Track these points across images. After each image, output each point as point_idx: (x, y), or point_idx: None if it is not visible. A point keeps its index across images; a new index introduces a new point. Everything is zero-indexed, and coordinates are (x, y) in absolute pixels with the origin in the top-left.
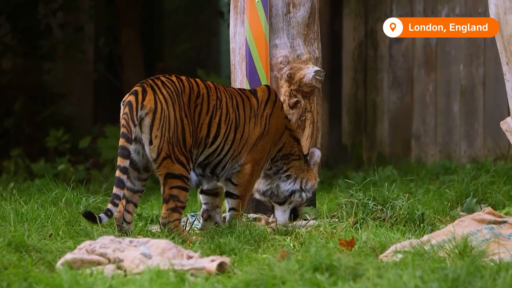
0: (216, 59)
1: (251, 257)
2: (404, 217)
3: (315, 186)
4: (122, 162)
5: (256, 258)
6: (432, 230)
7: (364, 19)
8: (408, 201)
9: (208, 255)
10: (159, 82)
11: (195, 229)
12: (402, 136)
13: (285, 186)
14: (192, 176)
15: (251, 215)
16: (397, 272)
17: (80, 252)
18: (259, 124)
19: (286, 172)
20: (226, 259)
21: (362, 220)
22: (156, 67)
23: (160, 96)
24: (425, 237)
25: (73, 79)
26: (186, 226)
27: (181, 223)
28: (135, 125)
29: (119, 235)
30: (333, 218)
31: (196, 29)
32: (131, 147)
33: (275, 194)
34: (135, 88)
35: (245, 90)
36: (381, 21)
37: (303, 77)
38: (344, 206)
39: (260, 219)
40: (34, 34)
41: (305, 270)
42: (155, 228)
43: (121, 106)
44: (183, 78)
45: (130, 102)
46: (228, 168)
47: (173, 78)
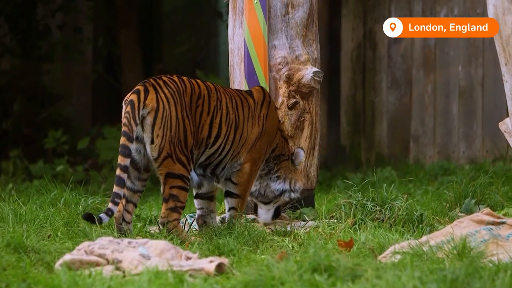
0: (215, 60)
1: (250, 258)
2: (403, 218)
3: (302, 187)
4: (123, 161)
5: (255, 259)
6: (431, 231)
7: (363, 20)
8: (407, 202)
9: (207, 256)
10: (161, 82)
11: (194, 230)
12: (401, 137)
13: (275, 186)
14: (194, 177)
15: (250, 216)
16: (396, 273)
17: (79, 253)
18: (257, 124)
19: (277, 173)
20: (225, 260)
21: (361, 221)
22: (155, 68)
23: (162, 96)
24: (424, 238)
25: (72, 80)
26: (185, 227)
27: (180, 224)
28: (137, 124)
29: (118, 236)
30: (332, 219)
31: (195, 30)
32: (132, 146)
33: (262, 194)
34: (137, 87)
35: (242, 91)
36: (380, 22)
37: (302, 78)
38: (343, 207)
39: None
40: (33, 35)
41: (304, 271)
42: (154, 229)
43: (123, 105)
44: (185, 79)
45: (132, 101)
46: (228, 168)
47: (175, 78)
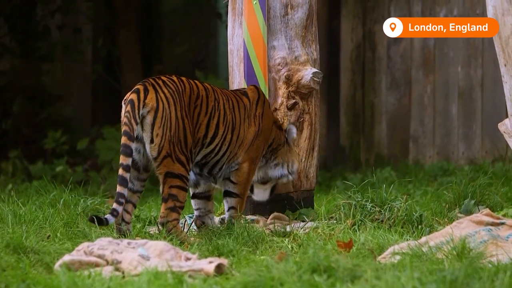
0: (214, 61)
1: (249, 259)
2: (402, 219)
3: (298, 167)
4: (125, 160)
5: (254, 260)
6: (430, 232)
7: (362, 21)
8: (406, 203)
9: (206, 257)
10: (161, 82)
11: (193, 231)
12: (400, 138)
13: (274, 173)
14: (190, 175)
15: (249, 217)
16: (395, 274)
17: (78, 254)
18: (253, 124)
19: (274, 161)
20: (224, 261)
21: (360, 222)
22: (154, 69)
23: (162, 95)
24: (423, 239)
25: (72, 81)
26: (184, 228)
27: (180, 224)
28: (137, 123)
29: (118, 237)
30: (331, 220)
31: (195, 31)
32: (133, 146)
33: (260, 181)
34: (137, 87)
35: (237, 92)
36: (379, 23)
37: (301, 79)
38: (342, 208)
39: (258, 221)
40: (33, 36)
41: (303, 272)
42: (153, 230)
43: (123, 105)
44: (184, 79)
45: (132, 100)
46: (225, 168)
47: (174, 78)
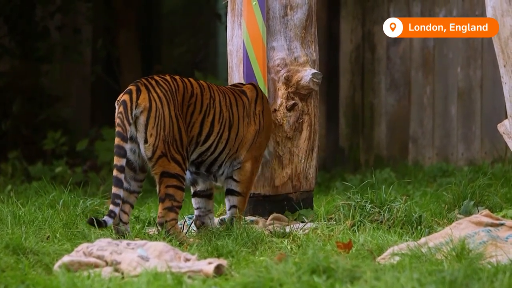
0: (214, 61)
1: (249, 260)
2: (402, 220)
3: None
4: (119, 161)
5: (254, 261)
6: (430, 233)
7: (362, 21)
8: (406, 204)
9: (206, 258)
10: (153, 82)
11: (192, 232)
12: (400, 139)
13: None
14: (187, 174)
15: (249, 218)
16: (395, 275)
17: (78, 255)
18: (253, 122)
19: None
20: (224, 262)
21: (360, 223)
22: (154, 70)
23: (155, 95)
24: (423, 240)
25: (71, 81)
26: (184, 229)
27: (178, 225)
28: (130, 124)
29: (117, 238)
30: (331, 221)
31: (194, 31)
32: (127, 146)
33: None
34: (129, 87)
35: (235, 89)
36: (379, 23)
37: (301, 80)
38: (342, 209)
39: (258, 222)
40: (32, 36)
41: (303, 273)
42: (153, 231)
43: (116, 106)
44: (177, 78)
45: (125, 101)
46: (227, 167)
47: (167, 78)
